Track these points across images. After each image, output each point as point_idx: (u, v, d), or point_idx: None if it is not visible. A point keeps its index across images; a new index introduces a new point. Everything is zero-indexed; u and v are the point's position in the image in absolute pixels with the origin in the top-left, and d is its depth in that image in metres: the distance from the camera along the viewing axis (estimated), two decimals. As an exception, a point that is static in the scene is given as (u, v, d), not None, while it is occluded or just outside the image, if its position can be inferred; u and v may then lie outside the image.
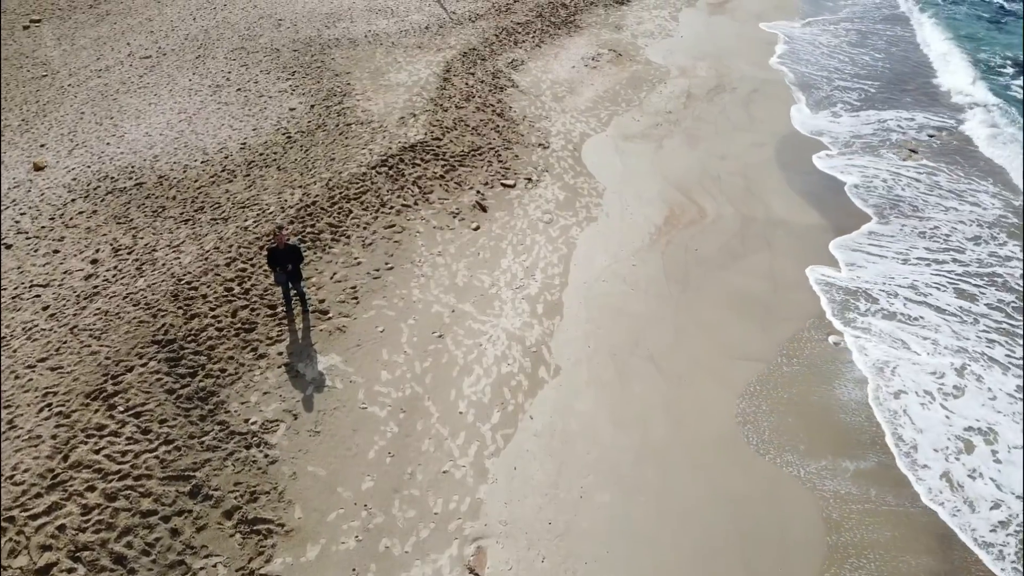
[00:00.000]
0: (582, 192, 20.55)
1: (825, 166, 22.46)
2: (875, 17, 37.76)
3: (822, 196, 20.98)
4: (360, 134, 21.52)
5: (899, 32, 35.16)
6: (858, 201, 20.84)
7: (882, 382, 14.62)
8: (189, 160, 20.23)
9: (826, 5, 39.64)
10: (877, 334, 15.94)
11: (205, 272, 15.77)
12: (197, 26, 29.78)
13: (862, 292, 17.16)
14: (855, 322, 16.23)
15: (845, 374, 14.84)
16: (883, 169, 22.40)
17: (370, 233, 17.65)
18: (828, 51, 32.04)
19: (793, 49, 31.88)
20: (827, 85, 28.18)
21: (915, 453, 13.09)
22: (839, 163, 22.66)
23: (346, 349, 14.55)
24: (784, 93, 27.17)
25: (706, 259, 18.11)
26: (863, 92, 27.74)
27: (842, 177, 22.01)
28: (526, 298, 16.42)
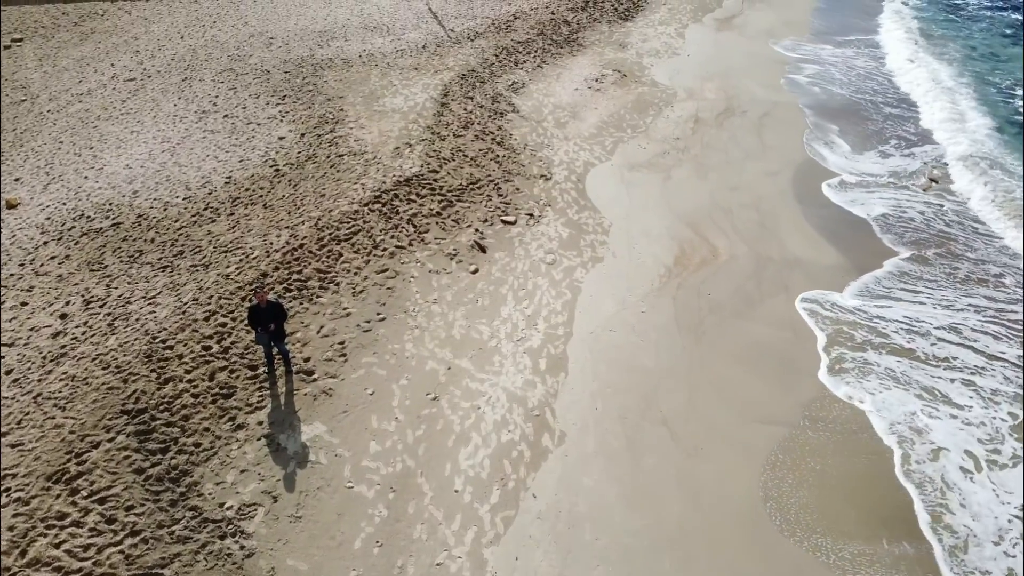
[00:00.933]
0: (587, 228, 19.37)
1: (842, 199, 21.26)
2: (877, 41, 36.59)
3: (840, 231, 19.82)
4: (352, 166, 20.36)
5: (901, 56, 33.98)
6: (879, 235, 19.62)
7: (915, 447, 13.41)
8: (171, 196, 19.07)
9: (836, 20, 38.46)
10: (906, 385, 14.73)
11: (182, 328, 14.60)
12: (185, 45, 28.63)
13: (888, 338, 15.95)
14: (879, 373, 15.02)
15: (876, 439, 13.63)
16: (903, 200, 21.22)
17: (361, 279, 16.49)
18: (840, 71, 30.84)
19: (804, 69, 30.67)
20: (841, 109, 26.93)
21: (961, 553, 11.84)
22: (857, 195, 21.47)
23: (332, 416, 13.37)
24: (796, 117, 26.00)
25: (720, 305, 16.93)
26: (877, 118, 26.53)
27: (860, 210, 20.81)
28: (528, 351, 15.25)
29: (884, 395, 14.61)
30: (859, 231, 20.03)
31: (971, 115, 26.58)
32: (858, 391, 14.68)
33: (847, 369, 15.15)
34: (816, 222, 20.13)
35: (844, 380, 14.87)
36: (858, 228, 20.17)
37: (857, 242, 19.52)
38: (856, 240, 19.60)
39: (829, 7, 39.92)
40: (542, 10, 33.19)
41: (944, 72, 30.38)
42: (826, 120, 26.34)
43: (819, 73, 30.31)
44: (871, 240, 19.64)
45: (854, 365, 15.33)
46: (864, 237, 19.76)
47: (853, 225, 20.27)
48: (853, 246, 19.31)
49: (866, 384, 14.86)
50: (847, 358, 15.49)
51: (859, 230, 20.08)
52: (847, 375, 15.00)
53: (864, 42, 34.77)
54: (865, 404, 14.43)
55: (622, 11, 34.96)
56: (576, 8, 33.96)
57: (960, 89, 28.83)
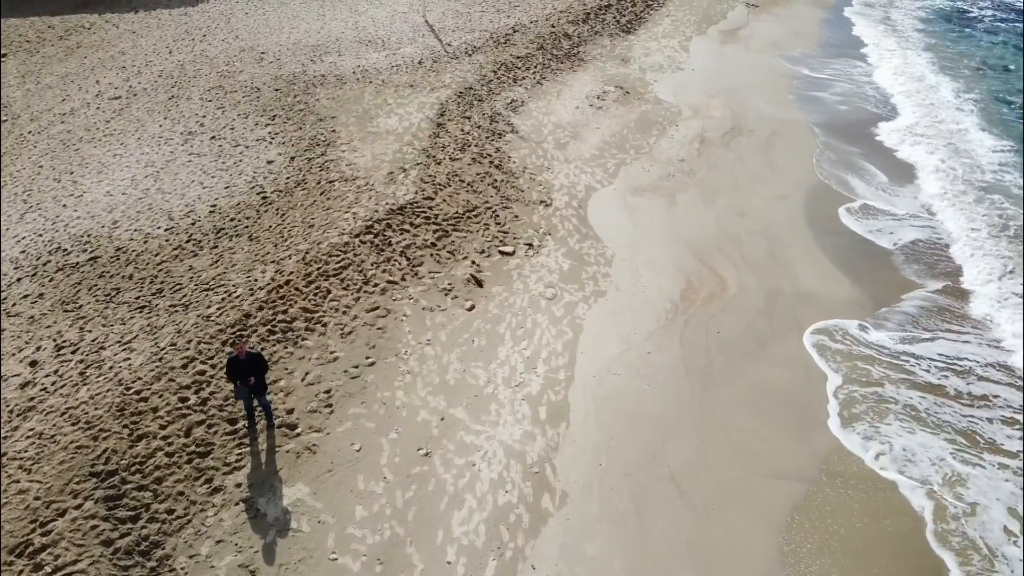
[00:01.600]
0: (588, 259, 18.45)
1: (862, 228, 20.28)
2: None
3: (855, 261, 18.91)
4: (344, 193, 19.44)
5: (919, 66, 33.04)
6: (903, 266, 18.67)
7: (948, 502, 12.45)
8: (152, 227, 18.16)
9: (845, 31, 37.52)
10: (935, 427, 13.78)
11: (158, 377, 13.67)
12: (173, 61, 27.73)
13: (912, 375, 15.01)
14: (899, 413, 14.09)
15: (902, 495, 12.68)
16: (930, 226, 20.25)
17: (350, 319, 15.56)
18: (850, 87, 29.90)
19: (812, 83, 29.73)
20: (852, 127, 25.99)
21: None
22: (877, 224, 20.53)
23: (316, 477, 12.44)
24: (806, 136, 25.08)
25: (729, 344, 16.00)
26: (890, 137, 25.60)
27: (886, 240, 19.84)
28: (527, 398, 14.33)
29: (906, 439, 13.66)
30: (874, 260, 19.07)
31: (977, 135, 25.63)
32: (877, 439, 13.72)
33: (861, 416, 14.20)
34: (831, 251, 19.21)
35: (856, 431, 13.93)
36: (873, 257, 19.21)
37: (873, 272, 18.58)
38: (871, 270, 18.67)
39: (837, 18, 38.93)
40: (542, 23, 32.29)
41: (953, 89, 29.42)
42: (837, 140, 25.36)
43: (829, 88, 29.35)
44: (887, 271, 18.67)
45: (868, 406, 14.38)
46: (880, 267, 18.82)
47: (868, 254, 19.31)
48: (872, 278, 18.37)
49: (885, 428, 13.90)
50: (859, 398, 14.55)
51: (874, 259, 19.12)
52: (861, 422, 14.05)
53: (874, 56, 33.78)
54: (886, 456, 13.46)
55: (624, 23, 34.05)
56: (577, 20, 33.05)
57: (967, 106, 27.90)
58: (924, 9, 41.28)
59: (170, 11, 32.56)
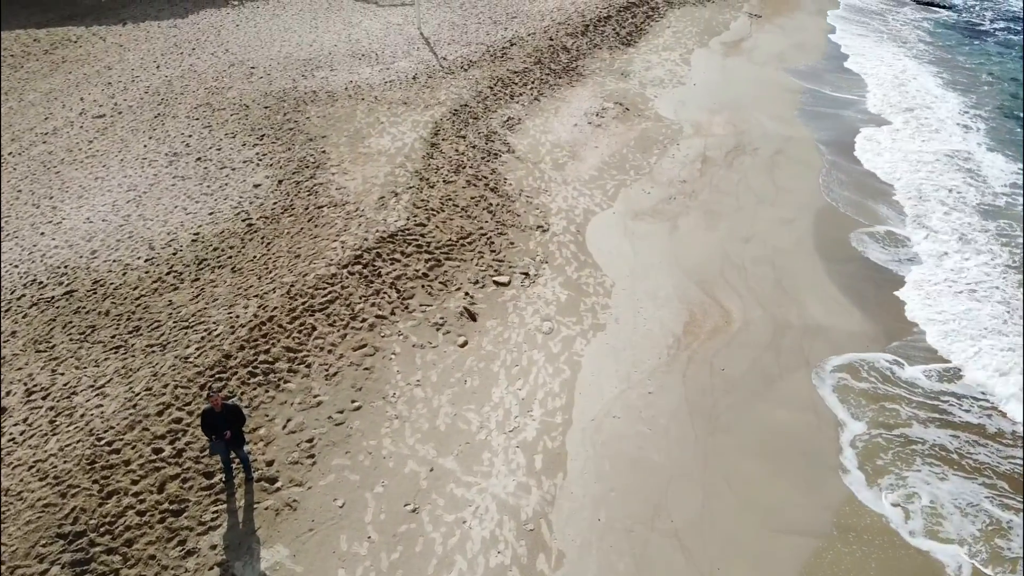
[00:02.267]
0: (587, 289, 17.67)
1: (873, 254, 19.51)
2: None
3: (866, 290, 18.12)
4: (333, 220, 18.67)
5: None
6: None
7: (988, 563, 11.68)
8: (132, 257, 17.41)
9: (850, 42, 36.75)
10: (971, 471, 13.01)
11: (131, 426, 12.91)
12: (160, 76, 26.97)
13: (942, 418, 14.25)
14: (926, 454, 13.32)
15: (928, 555, 11.90)
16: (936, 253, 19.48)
17: (335, 359, 14.79)
18: (858, 100, 29.13)
19: (818, 98, 28.96)
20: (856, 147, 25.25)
21: None
22: (896, 254, 19.76)
23: (296, 537, 11.67)
24: (812, 155, 24.30)
25: (735, 383, 15.23)
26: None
27: (892, 267, 19.09)
28: (521, 445, 13.56)
29: (935, 487, 12.89)
30: (884, 289, 18.29)
31: (986, 155, 24.87)
32: (900, 488, 12.94)
33: (881, 462, 13.42)
34: (840, 280, 18.46)
35: (875, 479, 13.14)
36: (884, 284, 18.43)
37: (885, 303, 17.81)
38: (883, 300, 17.89)
39: (843, 30, 38.13)
40: (540, 35, 31.53)
41: (961, 103, 28.65)
42: (845, 159, 24.59)
43: (835, 103, 28.57)
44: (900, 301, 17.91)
45: (890, 451, 13.60)
46: (893, 296, 18.03)
47: (880, 282, 18.53)
48: (880, 307, 17.62)
49: (910, 475, 13.12)
50: (881, 442, 13.77)
51: (884, 287, 18.33)
52: (883, 471, 13.26)
53: (880, 69, 33.00)
54: (898, 505, 12.69)
55: (624, 36, 33.30)
56: (575, 33, 32.29)
57: (975, 123, 27.14)
58: (929, 21, 40.47)
59: (159, 23, 31.83)
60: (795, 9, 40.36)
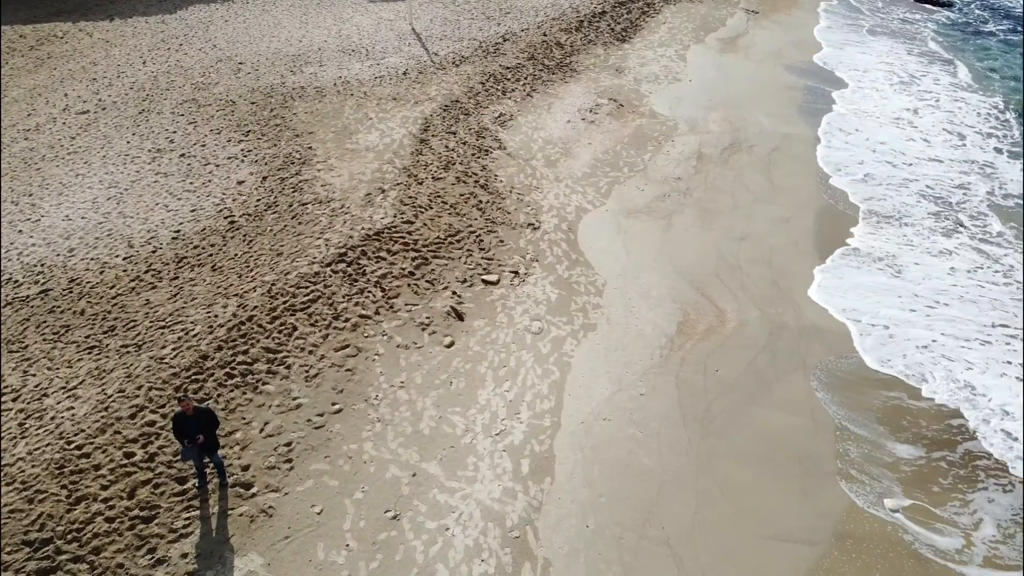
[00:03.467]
0: (578, 289, 17.20)
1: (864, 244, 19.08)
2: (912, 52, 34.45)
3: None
4: (317, 217, 18.19)
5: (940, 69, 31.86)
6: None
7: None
8: (110, 255, 16.92)
9: (851, 39, 36.30)
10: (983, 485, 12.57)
11: (103, 429, 12.43)
12: (146, 72, 26.47)
13: (934, 422, 13.81)
14: (926, 478, 12.88)
15: (930, 562, 11.46)
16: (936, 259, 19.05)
17: (316, 359, 14.31)
18: (854, 98, 28.67)
19: (815, 96, 28.50)
20: (858, 143, 24.77)
21: None
22: (878, 243, 19.32)
23: (271, 545, 11.18)
24: (809, 152, 23.83)
25: (729, 385, 14.77)
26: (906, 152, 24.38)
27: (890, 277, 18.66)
28: (508, 449, 13.08)
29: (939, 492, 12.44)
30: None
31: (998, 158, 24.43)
32: (895, 494, 12.52)
33: (882, 473, 12.97)
34: (835, 280, 17.94)
35: (878, 489, 12.68)
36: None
37: (882, 304, 17.33)
38: (881, 302, 17.41)
39: (840, 27, 37.69)
40: (533, 31, 31.07)
41: (975, 102, 28.24)
42: (832, 159, 24.15)
43: (832, 100, 28.11)
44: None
45: (888, 455, 13.16)
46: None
47: (877, 283, 18.07)
48: (878, 310, 17.12)
49: (911, 481, 12.68)
50: (876, 447, 13.31)
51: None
52: (885, 481, 12.81)
53: (879, 67, 32.58)
54: (898, 512, 12.23)
55: (619, 32, 32.84)
56: (570, 29, 31.83)
57: (986, 125, 26.73)
58: (928, 20, 40.05)
59: (147, 19, 31.33)
60: (792, 6, 39.95)
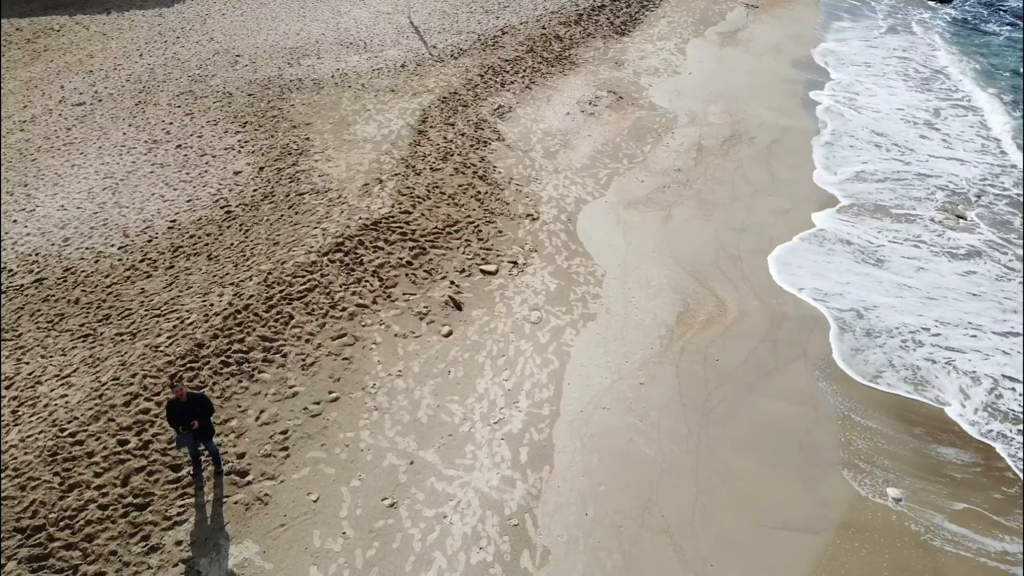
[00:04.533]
0: (577, 279, 17.07)
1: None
2: (909, 48, 34.31)
3: (864, 282, 17.51)
4: (314, 207, 18.05)
5: (932, 64, 31.71)
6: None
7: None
8: (105, 244, 16.77)
9: (853, 35, 36.18)
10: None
11: (97, 416, 12.28)
12: (143, 64, 26.32)
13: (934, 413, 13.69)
14: (930, 465, 12.75)
15: (942, 551, 11.32)
16: (922, 241, 18.91)
17: (313, 348, 14.17)
18: (854, 92, 28.53)
19: (815, 89, 28.36)
20: (858, 137, 24.64)
21: None
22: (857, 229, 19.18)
23: (266, 532, 11.04)
24: (808, 144, 23.72)
25: (730, 375, 14.64)
26: (892, 140, 24.23)
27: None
28: (506, 438, 12.94)
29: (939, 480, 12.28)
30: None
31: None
32: (894, 486, 12.36)
33: (885, 462, 12.82)
34: (836, 270, 17.83)
35: (881, 478, 12.54)
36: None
37: (883, 295, 17.21)
38: (882, 292, 17.28)
39: (840, 22, 37.57)
40: (532, 24, 30.94)
41: (989, 99, 28.13)
42: (841, 147, 24.03)
43: (832, 94, 28.00)
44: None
45: (891, 444, 13.01)
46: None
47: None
48: (879, 300, 17.00)
49: (912, 470, 12.54)
50: (879, 436, 13.18)
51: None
52: (888, 471, 12.67)
53: (879, 60, 32.47)
54: (902, 501, 12.08)
55: (618, 25, 32.71)
56: (569, 22, 31.70)
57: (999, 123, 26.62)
58: (930, 15, 39.93)
59: (144, 12, 31.17)
60: (791, 1, 39.82)
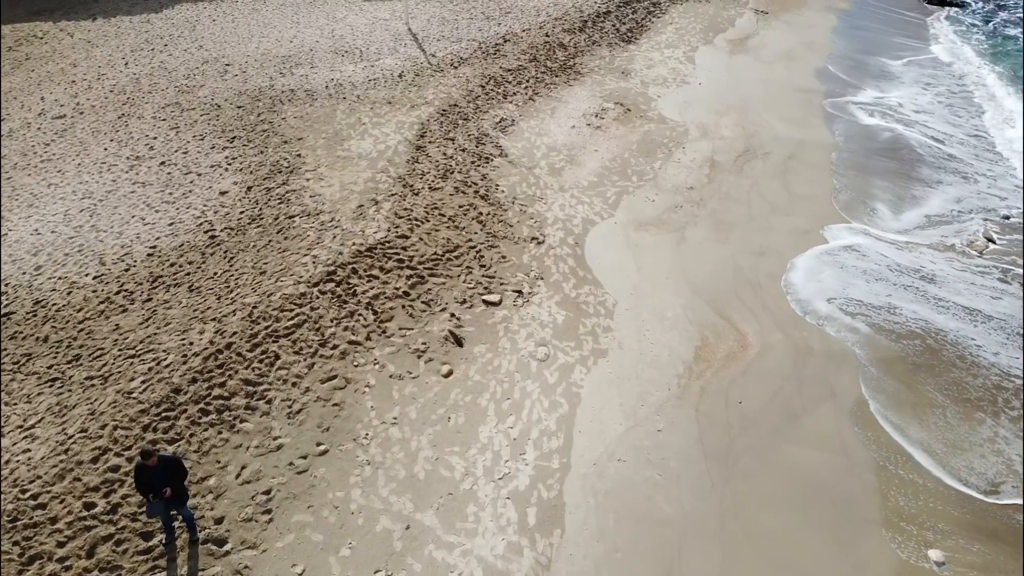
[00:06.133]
0: (587, 310, 15.89)
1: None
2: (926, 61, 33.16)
3: (894, 313, 16.34)
4: (305, 231, 16.86)
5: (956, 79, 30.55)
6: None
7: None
8: (79, 274, 15.58)
9: (864, 42, 35.00)
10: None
11: (62, 475, 11.11)
12: (127, 74, 25.11)
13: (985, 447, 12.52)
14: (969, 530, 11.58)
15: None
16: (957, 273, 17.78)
17: (300, 393, 12.97)
18: (871, 101, 27.36)
19: (829, 98, 27.18)
20: (880, 149, 23.45)
21: None
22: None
23: (246, 614, 9.80)
24: (826, 159, 22.53)
25: (754, 418, 13.45)
26: (923, 162, 23.07)
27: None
28: (512, 496, 11.75)
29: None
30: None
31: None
32: (935, 547, 11.19)
33: (927, 520, 11.64)
34: (863, 300, 16.66)
35: (922, 538, 11.37)
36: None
37: (915, 327, 16.04)
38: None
39: (853, 27, 36.41)
40: (535, 31, 29.74)
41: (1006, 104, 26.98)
42: (864, 161, 22.83)
43: (849, 104, 26.81)
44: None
45: (933, 497, 11.81)
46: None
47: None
48: (911, 333, 15.83)
49: (958, 527, 11.36)
50: (918, 487, 11.99)
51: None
52: (930, 531, 11.49)
53: (896, 66, 31.28)
54: (944, 565, 10.90)
55: (624, 32, 31.52)
56: (573, 29, 30.50)
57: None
58: (942, 18, 38.73)
59: (131, 18, 29.96)
60: (802, 5, 38.68)
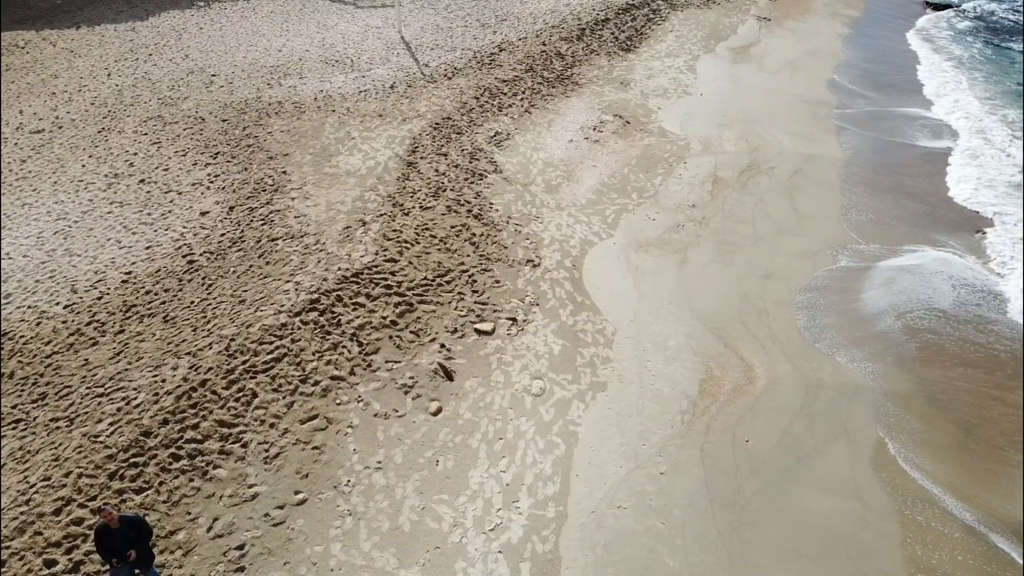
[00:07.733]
0: (584, 338, 15.06)
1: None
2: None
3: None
4: (288, 255, 16.03)
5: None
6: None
7: None
8: (49, 303, 14.74)
9: (871, 50, 34.19)
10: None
11: (22, 529, 10.31)
12: (110, 85, 24.28)
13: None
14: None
15: None
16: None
17: (279, 435, 12.14)
18: (879, 110, 26.57)
19: (836, 111, 26.38)
20: (890, 164, 22.66)
21: None
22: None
23: None
24: (834, 176, 21.72)
25: (763, 460, 12.64)
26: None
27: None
28: (504, 550, 10.92)
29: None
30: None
31: None
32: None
33: (948, 570, 10.84)
34: (876, 327, 15.84)
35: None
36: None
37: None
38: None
39: (860, 34, 35.57)
40: (532, 40, 28.93)
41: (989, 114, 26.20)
42: (872, 178, 22.03)
43: (855, 116, 26.02)
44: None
45: (954, 543, 10.98)
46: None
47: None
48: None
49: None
50: (938, 534, 11.16)
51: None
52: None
53: (904, 79, 30.49)
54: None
55: (623, 41, 30.72)
56: (571, 38, 29.69)
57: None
58: (943, 22, 37.95)
59: (116, 26, 29.13)
60: (806, 12, 37.90)
